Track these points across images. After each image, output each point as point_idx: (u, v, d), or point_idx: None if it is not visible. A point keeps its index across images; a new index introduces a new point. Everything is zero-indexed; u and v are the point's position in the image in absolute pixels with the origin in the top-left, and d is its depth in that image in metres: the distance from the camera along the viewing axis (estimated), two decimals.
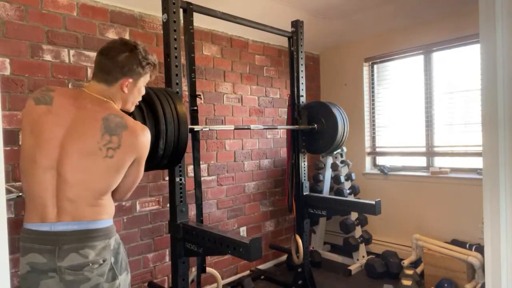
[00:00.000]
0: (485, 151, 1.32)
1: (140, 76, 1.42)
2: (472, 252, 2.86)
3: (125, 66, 1.36)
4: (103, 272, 1.30)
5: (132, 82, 1.41)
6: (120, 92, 1.40)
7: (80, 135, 1.27)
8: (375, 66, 4.07)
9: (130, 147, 1.32)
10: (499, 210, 1.25)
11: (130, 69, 1.37)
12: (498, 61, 1.24)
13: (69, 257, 1.25)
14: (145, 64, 1.41)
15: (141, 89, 1.48)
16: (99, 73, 1.38)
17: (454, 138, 3.48)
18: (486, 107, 1.30)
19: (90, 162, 1.27)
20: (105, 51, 1.38)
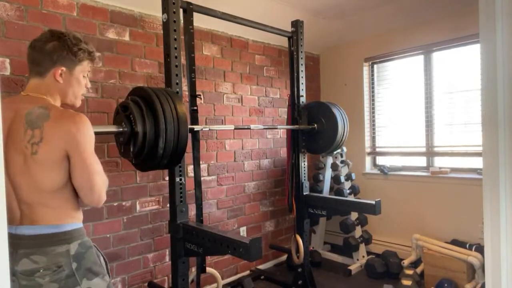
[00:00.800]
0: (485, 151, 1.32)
1: (74, 64, 1.35)
2: (472, 252, 2.86)
3: (53, 54, 1.31)
4: (58, 279, 1.23)
5: (66, 71, 1.34)
6: (55, 83, 1.33)
7: (12, 136, 1.23)
8: (375, 66, 4.07)
9: (54, 139, 1.21)
10: (499, 210, 1.25)
11: (60, 56, 1.32)
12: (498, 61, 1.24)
13: (22, 262, 1.23)
14: (77, 50, 1.34)
15: (80, 79, 1.40)
16: (32, 68, 1.34)
17: (454, 138, 3.48)
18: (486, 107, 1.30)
19: (25, 162, 1.22)
20: (33, 44, 1.35)
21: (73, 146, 1.22)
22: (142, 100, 1.73)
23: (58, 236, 1.27)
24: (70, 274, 1.25)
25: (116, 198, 2.57)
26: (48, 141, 1.20)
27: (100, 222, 2.49)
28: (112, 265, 2.56)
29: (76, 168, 1.25)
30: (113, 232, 2.56)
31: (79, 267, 1.28)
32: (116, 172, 2.57)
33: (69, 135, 1.21)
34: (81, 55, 1.36)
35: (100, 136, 2.46)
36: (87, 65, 1.41)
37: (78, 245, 1.30)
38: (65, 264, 1.25)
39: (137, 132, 1.71)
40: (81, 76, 1.39)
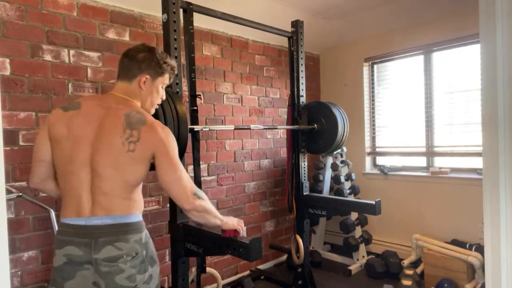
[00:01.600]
0: (485, 151, 1.32)
1: (157, 75, 1.51)
2: (472, 252, 2.86)
3: (142, 62, 1.47)
4: (135, 264, 1.36)
5: (150, 80, 1.49)
6: (138, 89, 1.49)
7: (106, 131, 1.37)
8: (375, 66, 4.07)
9: (148, 141, 1.37)
10: (499, 210, 1.25)
11: (148, 66, 1.48)
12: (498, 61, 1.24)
13: (105, 249, 1.33)
14: (162, 63, 1.51)
15: (160, 89, 1.55)
16: (121, 72, 1.51)
17: (454, 138, 3.48)
18: (486, 107, 1.30)
19: (117, 156, 1.35)
20: (127, 52, 1.52)
21: (161, 148, 1.39)
22: None
23: (132, 226, 1.39)
24: (142, 260, 1.39)
25: None
26: (143, 142, 1.36)
27: None
28: None
29: (164, 165, 1.40)
30: None
31: (147, 254, 1.42)
32: None
33: (158, 139, 1.38)
34: (165, 68, 1.52)
35: None
36: (167, 78, 1.56)
37: (145, 234, 1.45)
38: (140, 251, 1.39)
39: None
40: (160, 86, 1.55)
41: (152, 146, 1.38)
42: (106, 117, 1.40)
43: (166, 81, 1.57)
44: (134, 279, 1.36)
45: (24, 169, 2.18)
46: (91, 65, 2.46)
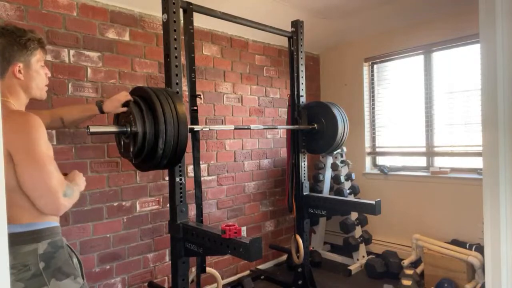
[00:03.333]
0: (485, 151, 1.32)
1: (29, 57, 1.33)
2: (472, 252, 2.86)
3: (4, 52, 1.29)
4: (22, 278, 1.21)
5: (23, 66, 1.32)
6: (15, 80, 1.31)
7: None
8: (375, 66, 4.07)
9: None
10: (499, 210, 1.25)
11: (12, 54, 1.29)
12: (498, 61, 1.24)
13: None
14: (25, 41, 1.31)
15: (39, 69, 1.38)
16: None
17: (454, 138, 3.48)
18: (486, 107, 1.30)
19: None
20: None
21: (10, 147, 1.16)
22: (142, 100, 1.73)
23: (26, 235, 1.24)
24: (37, 274, 1.23)
25: (116, 198, 2.57)
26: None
27: (100, 222, 2.49)
28: (112, 265, 2.56)
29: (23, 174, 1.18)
30: (113, 232, 2.56)
31: (48, 267, 1.25)
32: (116, 172, 2.57)
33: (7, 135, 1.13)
34: (31, 45, 1.32)
35: (100, 136, 2.47)
36: (40, 53, 1.38)
37: (47, 244, 1.27)
38: (32, 263, 1.23)
39: (137, 132, 1.71)
40: (40, 65, 1.38)
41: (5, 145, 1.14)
42: None
43: (42, 56, 1.39)
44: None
45: None
46: (91, 65, 2.46)
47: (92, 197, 2.46)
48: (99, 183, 2.49)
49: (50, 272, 1.25)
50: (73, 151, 2.37)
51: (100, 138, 2.48)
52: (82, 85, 2.42)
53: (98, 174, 2.48)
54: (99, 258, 2.49)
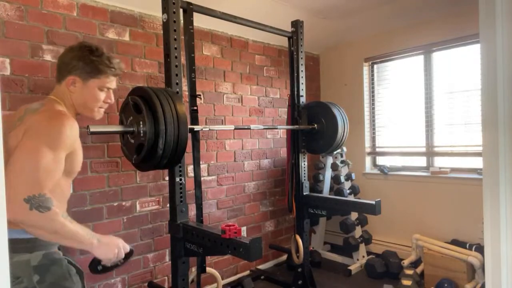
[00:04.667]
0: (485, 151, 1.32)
1: (89, 76, 1.35)
2: (472, 252, 2.86)
3: (70, 63, 1.34)
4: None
5: (79, 81, 1.35)
6: (67, 92, 1.36)
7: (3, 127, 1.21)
8: (375, 66, 4.07)
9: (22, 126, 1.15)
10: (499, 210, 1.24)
11: (75, 67, 1.33)
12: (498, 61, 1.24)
13: None
14: (93, 61, 1.34)
15: (95, 92, 1.38)
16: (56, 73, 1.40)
17: (454, 138, 3.48)
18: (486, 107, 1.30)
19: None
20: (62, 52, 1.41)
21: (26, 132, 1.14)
22: (142, 100, 1.73)
23: (20, 243, 1.13)
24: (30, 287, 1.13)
25: (116, 198, 2.57)
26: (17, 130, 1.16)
27: (100, 222, 2.49)
28: None
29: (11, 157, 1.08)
30: (113, 232, 2.55)
31: (42, 281, 1.14)
32: (116, 172, 2.57)
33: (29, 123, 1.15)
34: (99, 68, 1.35)
35: (100, 136, 2.46)
36: (105, 80, 1.39)
37: (42, 256, 1.16)
38: (24, 275, 1.12)
39: (137, 132, 1.71)
40: (98, 90, 1.39)
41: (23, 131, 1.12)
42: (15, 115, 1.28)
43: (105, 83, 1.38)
44: None
45: None
46: None
47: (92, 197, 2.46)
48: (99, 183, 2.49)
49: (45, 286, 1.15)
50: None
51: (100, 138, 2.48)
52: None
53: (98, 174, 2.48)
54: None
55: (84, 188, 2.42)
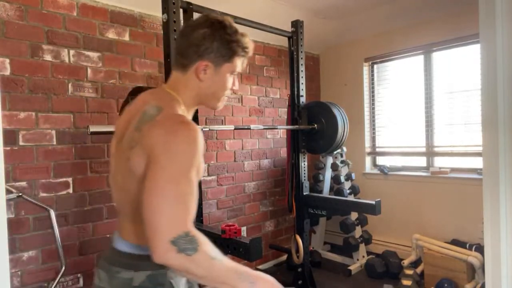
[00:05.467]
0: (485, 151, 1.32)
1: (223, 60, 1.07)
2: (472, 252, 2.86)
3: (201, 45, 1.04)
4: None
5: (212, 67, 1.07)
6: (195, 81, 1.08)
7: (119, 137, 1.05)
8: (375, 66, 4.07)
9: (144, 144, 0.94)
10: (499, 210, 1.25)
11: (209, 49, 1.04)
12: (498, 61, 1.24)
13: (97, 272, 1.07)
14: (230, 42, 1.06)
15: (226, 79, 1.11)
16: (175, 58, 1.12)
17: (454, 138, 3.48)
18: (486, 107, 1.30)
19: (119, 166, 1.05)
20: (183, 29, 1.12)
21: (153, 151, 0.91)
22: None
23: (127, 258, 1.02)
24: None
25: None
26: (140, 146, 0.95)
27: (100, 222, 2.49)
28: None
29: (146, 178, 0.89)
30: (113, 232, 2.55)
31: None
32: None
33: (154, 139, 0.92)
34: (234, 49, 1.07)
35: (100, 136, 2.46)
36: (238, 63, 1.11)
37: (145, 276, 0.99)
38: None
39: None
40: (230, 76, 1.12)
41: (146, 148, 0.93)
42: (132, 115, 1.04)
43: (236, 67, 1.11)
44: None
45: (24, 169, 2.18)
46: (91, 65, 2.46)
47: (92, 197, 2.46)
48: (99, 183, 2.49)
49: None
50: (73, 151, 2.37)
51: (100, 138, 2.48)
52: (82, 85, 2.42)
53: (98, 174, 2.48)
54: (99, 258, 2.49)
55: (84, 188, 2.42)
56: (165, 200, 0.85)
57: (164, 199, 0.85)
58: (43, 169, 2.25)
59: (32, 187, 2.21)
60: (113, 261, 1.03)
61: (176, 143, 0.90)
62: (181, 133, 0.92)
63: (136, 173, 0.95)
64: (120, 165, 1.02)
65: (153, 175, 0.88)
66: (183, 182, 0.88)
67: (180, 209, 0.86)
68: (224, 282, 0.88)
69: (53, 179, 2.29)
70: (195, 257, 0.84)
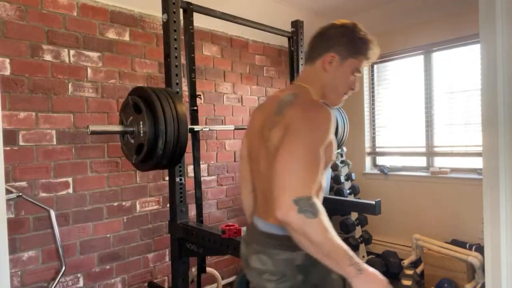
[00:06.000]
0: (485, 151, 1.32)
1: (349, 55, 1.16)
2: (472, 252, 2.86)
3: (331, 39, 1.17)
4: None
5: (338, 59, 1.16)
6: (320, 72, 1.18)
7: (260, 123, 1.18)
8: (375, 66, 4.07)
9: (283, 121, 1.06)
10: (499, 210, 1.24)
11: (338, 43, 1.16)
12: (498, 61, 1.24)
13: (253, 258, 1.15)
14: (359, 41, 1.17)
15: (348, 75, 1.19)
16: (306, 54, 1.26)
17: (454, 138, 3.48)
18: (486, 107, 1.30)
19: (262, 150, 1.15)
20: (318, 30, 1.24)
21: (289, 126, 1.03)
22: (142, 100, 1.73)
23: (282, 240, 1.08)
24: (294, 286, 1.10)
25: (116, 198, 2.57)
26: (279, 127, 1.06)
27: (100, 222, 2.49)
28: (112, 265, 2.56)
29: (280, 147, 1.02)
30: (113, 232, 2.56)
31: (306, 281, 1.10)
32: (116, 172, 2.57)
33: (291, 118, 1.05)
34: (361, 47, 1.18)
35: (100, 136, 2.47)
36: (363, 62, 1.20)
37: (304, 255, 1.06)
38: (290, 274, 1.09)
39: (137, 132, 1.71)
40: (350, 71, 1.19)
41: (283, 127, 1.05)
42: (267, 108, 1.18)
43: (360, 66, 1.19)
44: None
45: (24, 169, 2.18)
46: (91, 65, 2.46)
47: (92, 197, 2.46)
48: (99, 183, 2.49)
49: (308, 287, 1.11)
50: (73, 151, 2.37)
51: (100, 138, 2.49)
52: (82, 85, 2.42)
53: (98, 174, 2.48)
54: (99, 258, 2.49)
55: (84, 188, 2.42)
56: (295, 163, 0.96)
57: (295, 161, 0.96)
58: (43, 169, 2.25)
59: (32, 187, 2.21)
60: (269, 245, 1.11)
61: (311, 120, 1.03)
62: (316, 113, 1.04)
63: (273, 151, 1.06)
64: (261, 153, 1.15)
65: (289, 142, 0.99)
66: (313, 153, 0.98)
67: (306, 174, 0.96)
68: (333, 257, 0.95)
69: (53, 179, 2.29)
70: (313, 222, 0.92)
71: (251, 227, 1.22)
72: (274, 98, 1.19)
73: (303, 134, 1.01)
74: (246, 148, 1.30)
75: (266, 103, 1.25)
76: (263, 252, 1.11)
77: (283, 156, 0.98)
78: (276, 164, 0.98)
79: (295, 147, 0.98)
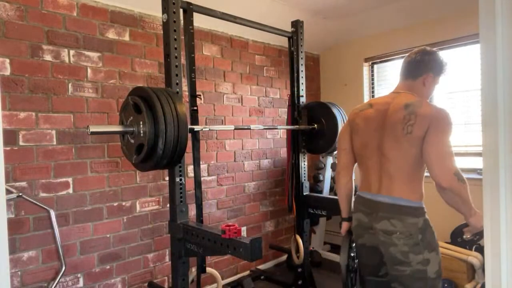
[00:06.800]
0: (485, 151, 1.31)
1: (438, 74, 1.74)
2: (472, 252, 2.86)
3: (429, 63, 1.72)
4: (408, 243, 1.58)
5: (432, 77, 1.73)
6: (421, 86, 1.73)
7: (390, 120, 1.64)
8: (375, 66, 4.07)
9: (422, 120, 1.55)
10: (499, 210, 1.24)
11: (433, 66, 1.72)
12: (498, 61, 1.24)
13: (382, 222, 1.64)
14: (443, 65, 1.75)
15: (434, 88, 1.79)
16: (405, 73, 1.80)
17: (454, 138, 3.47)
18: (486, 107, 1.30)
19: (398, 140, 1.60)
20: (410, 56, 1.80)
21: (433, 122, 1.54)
22: (142, 100, 1.73)
23: (409, 209, 1.62)
24: (416, 243, 1.59)
25: (116, 198, 2.57)
26: (418, 122, 1.55)
27: (100, 222, 2.49)
28: (112, 265, 2.56)
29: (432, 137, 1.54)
30: (113, 232, 2.56)
31: (423, 239, 1.59)
32: (116, 172, 2.57)
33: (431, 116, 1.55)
34: (444, 69, 1.75)
35: (100, 136, 2.47)
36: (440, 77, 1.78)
37: (423, 220, 1.63)
38: (414, 233, 1.59)
39: (137, 132, 1.71)
40: (435, 84, 1.78)
41: (425, 123, 1.54)
42: (390, 109, 1.67)
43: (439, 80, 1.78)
44: (407, 256, 1.58)
45: (24, 169, 2.18)
46: (91, 65, 2.46)
47: (92, 197, 2.46)
48: (99, 183, 2.49)
49: (424, 244, 1.60)
50: (73, 151, 2.37)
51: (100, 138, 2.49)
52: (82, 85, 2.42)
53: (98, 174, 2.48)
54: (99, 258, 2.49)
55: (84, 188, 2.42)
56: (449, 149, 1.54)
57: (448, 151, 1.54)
58: (43, 169, 2.25)
59: (32, 187, 2.21)
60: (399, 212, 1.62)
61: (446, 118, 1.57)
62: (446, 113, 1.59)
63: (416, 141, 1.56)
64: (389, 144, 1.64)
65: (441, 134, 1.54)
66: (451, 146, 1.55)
67: (453, 158, 1.55)
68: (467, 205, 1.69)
69: (53, 179, 2.29)
70: (464, 186, 1.58)
71: (370, 202, 1.70)
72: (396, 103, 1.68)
73: (447, 127, 1.55)
74: (359, 142, 1.77)
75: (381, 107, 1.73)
76: (394, 218, 1.61)
77: (439, 144, 1.53)
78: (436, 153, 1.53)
79: (445, 138, 1.53)
